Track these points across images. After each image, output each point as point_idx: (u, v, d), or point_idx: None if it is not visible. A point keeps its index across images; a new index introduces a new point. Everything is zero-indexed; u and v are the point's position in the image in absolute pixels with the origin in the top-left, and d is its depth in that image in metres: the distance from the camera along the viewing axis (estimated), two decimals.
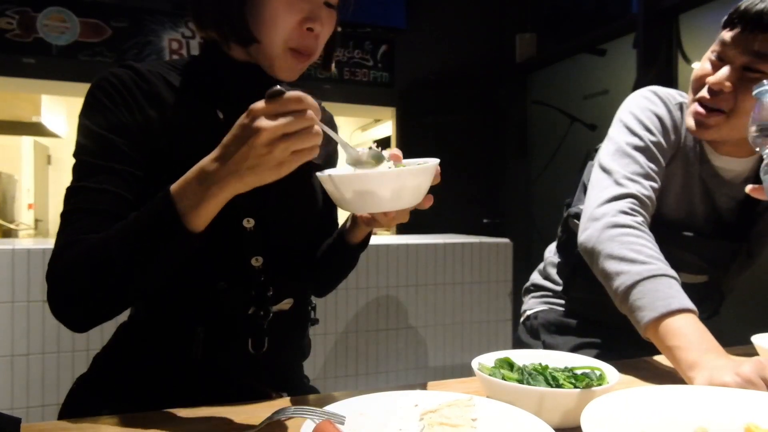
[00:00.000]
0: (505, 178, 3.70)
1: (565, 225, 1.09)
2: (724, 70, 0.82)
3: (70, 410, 0.72)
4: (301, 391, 0.80)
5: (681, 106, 0.93)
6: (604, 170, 0.89)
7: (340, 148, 0.66)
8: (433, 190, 0.62)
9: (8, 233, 4.90)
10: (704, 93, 0.84)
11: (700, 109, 0.85)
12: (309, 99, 0.51)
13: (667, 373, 0.75)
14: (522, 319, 1.15)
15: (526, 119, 3.71)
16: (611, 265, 0.77)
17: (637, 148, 0.88)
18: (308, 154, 0.53)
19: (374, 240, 2.19)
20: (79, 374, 0.76)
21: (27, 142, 5.57)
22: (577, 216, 1.02)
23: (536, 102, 3.66)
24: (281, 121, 0.50)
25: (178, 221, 0.55)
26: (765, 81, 0.64)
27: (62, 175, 6.06)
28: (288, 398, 0.72)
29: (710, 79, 0.83)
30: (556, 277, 1.12)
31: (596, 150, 1.05)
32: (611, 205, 0.83)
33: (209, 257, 0.70)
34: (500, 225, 3.57)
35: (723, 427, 0.48)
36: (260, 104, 0.51)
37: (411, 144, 3.54)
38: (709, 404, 0.51)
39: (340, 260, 0.83)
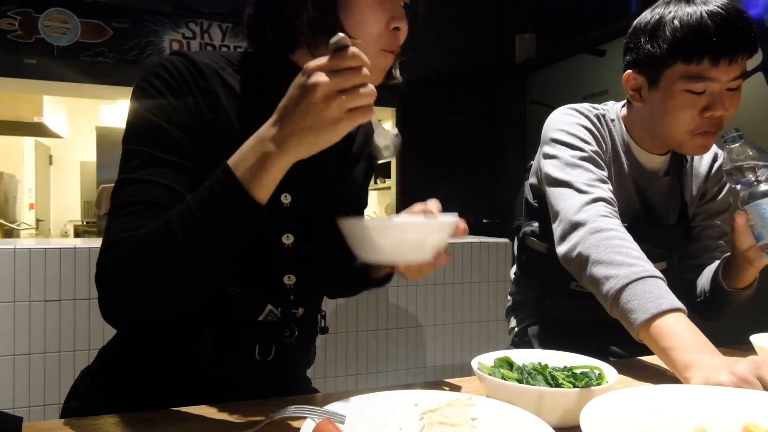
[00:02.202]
0: (505, 178, 3.70)
1: (522, 246, 1.12)
2: (720, 104, 0.84)
3: (74, 404, 0.72)
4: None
5: (599, 117, 0.97)
6: (561, 183, 0.90)
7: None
8: (432, 189, 0.62)
9: (10, 233, 4.90)
10: (710, 127, 0.87)
11: (710, 138, 0.88)
12: (364, 56, 0.51)
13: (666, 372, 0.75)
14: (512, 336, 1.17)
15: (526, 119, 3.71)
16: (599, 270, 0.77)
17: (583, 159, 0.90)
18: (364, 113, 0.52)
19: None
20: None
21: (28, 142, 5.57)
22: (534, 234, 1.07)
23: (536, 102, 3.66)
24: (337, 77, 0.50)
25: (240, 189, 0.53)
26: (734, 129, 0.81)
27: (63, 175, 6.06)
28: (288, 398, 0.72)
29: (720, 114, 0.85)
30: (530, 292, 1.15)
31: (528, 170, 1.11)
32: (587, 210, 0.84)
33: (240, 269, 0.69)
34: (500, 225, 3.57)
35: (722, 427, 0.48)
36: (315, 62, 0.51)
37: (411, 144, 3.54)
38: (708, 403, 0.51)
39: (360, 286, 0.85)
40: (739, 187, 0.81)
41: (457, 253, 2.11)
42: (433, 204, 0.68)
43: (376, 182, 5.22)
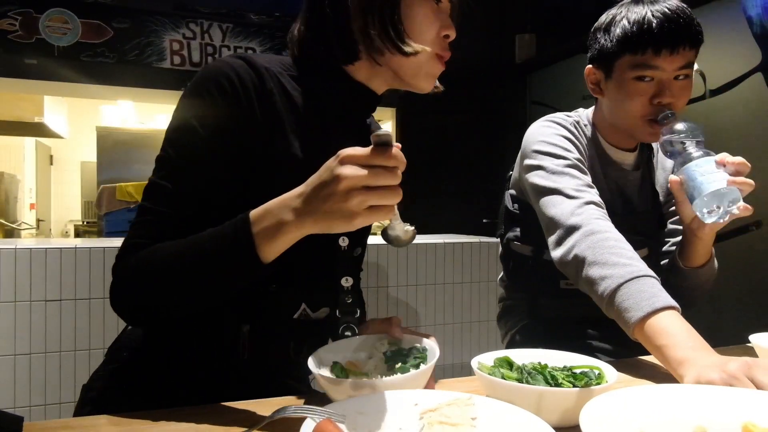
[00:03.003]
0: (505, 179, 3.70)
1: (508, 253, 1.14)
2: (668, 92, 0.90)
3: (93, 394, 0.73)
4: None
5: (574, 124, 1.02)
6: (550, 191, 0.92)
7: None
8: (432, 190, 0.63)
9: (10, 233, 4.90)
10: (655, 115, 0.92)
11: (656, 125, 0.93)
12: (401, 156, 0.51)
13: (665, 372, 0.75)
14: (505, 341, 1.18)
15: (525, 119, 3.71)
16: (594, 271, 0.79)
17: (568, 166, 0.94)
18: (385, 212, 0.52)
19: (373, 240, 2.18)
20: (80, 374, 0.76)
21: (29, 142, 5.58)
22: (518, 239, 1.10)
23: (536, 102, 3.66)
24: (365, 172, 0.49)
25: (251, 248, 0.55)
26: (668, 110, 0.90)
27: (64, 175, 6.07)
28: (288, 398, 0.72)
29: (668, 101, 0.91)
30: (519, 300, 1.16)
31: (508, 180, 1.14)
32: (580, 214, 0.86)
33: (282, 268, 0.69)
34: None
35: (722, 426, 0.48)
36: (351, 150, 0.51)
37: (411, 144, 3.54)
38: (708, 403, 0.51)
39: None
40: (673, 159, 0.90)
41: (456, 253, 2.11)
42: (396, 325, 0.70)
43: None
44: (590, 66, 1.01)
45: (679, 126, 0.87)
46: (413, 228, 0.64)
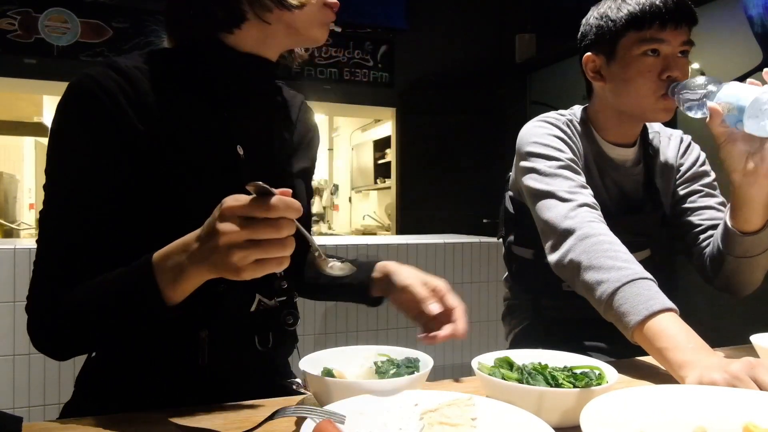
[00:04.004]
0: (505, 179, 3.71)
1: (509, 256, 1.14)
2: (675, 65, 0.91)
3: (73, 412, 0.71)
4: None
5: (568, 123, 1.01)
6: (543, 194, 0.91)
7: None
8: (432, 190, 0.62)
9: (9, 233, 4.90)
10: (665, 90, 0.91)
11: (670, 100, 0.91)
12: (285, 206, 0.47)
13: (665, 372, 0.75)
14: (509, 340, 1.18)
15: (525, 119, 3.71)
16: (591, 276, 0.78)
17: (561, 167, 0.93)
18: (275, 264, 0.49)
19: (374, 240, 2.18)
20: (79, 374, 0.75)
21: (28, 142, 5.58)
22: (518, 242, 1.10)
23: (536, 102, 3.66)
24: (244, 228, 0.47)
25: (155, 295, 0.54)
26: (675, 82, 0.90)
27: None
28: (288, 398, 0.72)
29: (677, 75, 0.90)
30: (523, 299, 1.15)
31: (507, 181, 1.14)
32: (574, 217, 0.85)
33: None
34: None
35: (722, 427, 0.48)
36: (232, 201, 0.48)
37: (411, 144, 3.54)
38: (708, 403, 0.51)
39: (340, 296, 0.86)
40: (700, 110, 0.84)
41: (456, 253, 2.11)
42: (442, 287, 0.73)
43: (376, 182, 5.23)
44: (588, 54, 0.99)
45: (697, 78, 0.86)
46: (345, 262, 0.60)
